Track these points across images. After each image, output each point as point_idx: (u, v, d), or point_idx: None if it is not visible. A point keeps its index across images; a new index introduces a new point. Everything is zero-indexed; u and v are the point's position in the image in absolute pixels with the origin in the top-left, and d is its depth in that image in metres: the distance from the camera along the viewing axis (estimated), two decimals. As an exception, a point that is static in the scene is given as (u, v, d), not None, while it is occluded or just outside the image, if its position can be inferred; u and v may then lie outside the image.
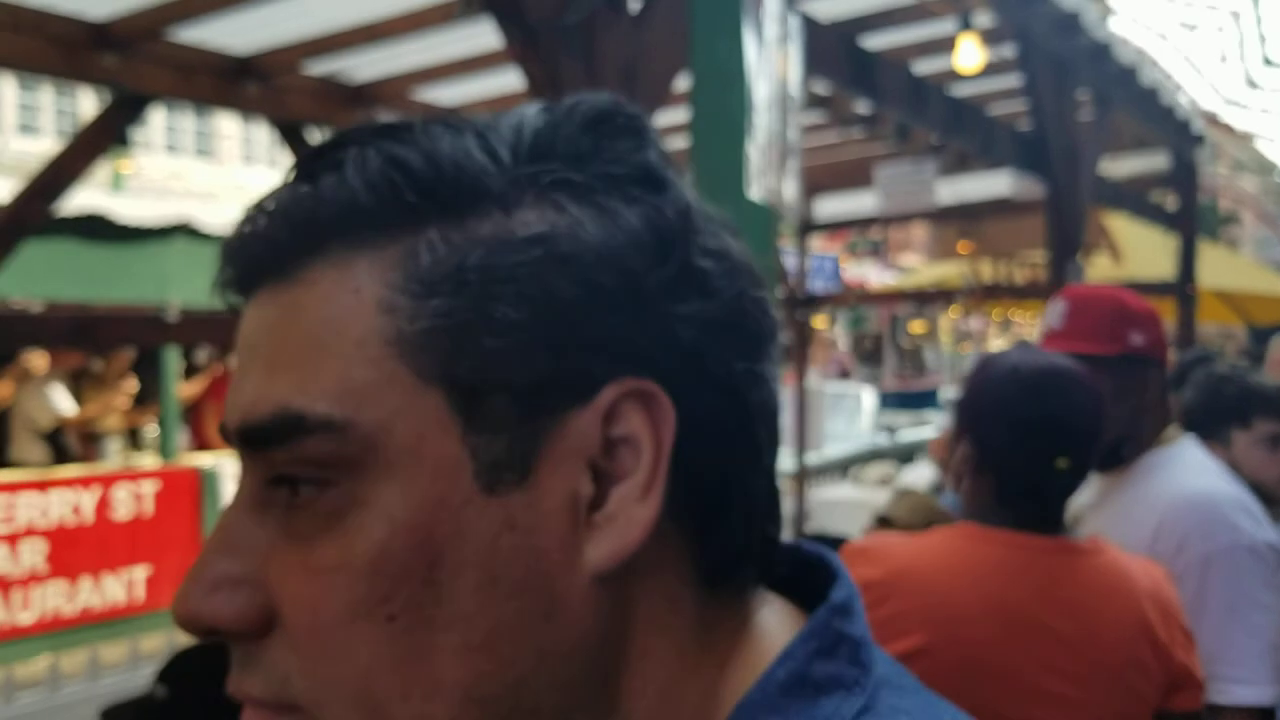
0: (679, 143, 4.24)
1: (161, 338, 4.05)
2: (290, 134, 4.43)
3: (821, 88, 5.08)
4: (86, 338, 3.61)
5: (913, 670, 1.46)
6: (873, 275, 20.18)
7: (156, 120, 13.33)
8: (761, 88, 1.93)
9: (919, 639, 1.43)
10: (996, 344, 18.80)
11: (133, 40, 3.67)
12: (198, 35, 3.90)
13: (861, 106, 5.35)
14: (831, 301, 7.96)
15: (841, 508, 7.21)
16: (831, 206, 7.82)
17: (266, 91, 4.20)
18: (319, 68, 4.33)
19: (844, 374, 12.21)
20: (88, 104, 12.71)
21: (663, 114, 2.56)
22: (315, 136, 4.46)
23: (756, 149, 1.93)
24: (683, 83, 2.14)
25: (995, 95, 5.31)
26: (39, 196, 3.57)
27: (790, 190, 2.03)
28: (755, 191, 1.89)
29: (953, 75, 4.53)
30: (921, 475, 6.95)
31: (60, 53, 3.53)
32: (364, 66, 4.44)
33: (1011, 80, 4.93)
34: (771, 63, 2.02)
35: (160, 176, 12.94)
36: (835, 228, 8.81)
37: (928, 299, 7.29)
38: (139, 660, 4.98)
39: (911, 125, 3.82)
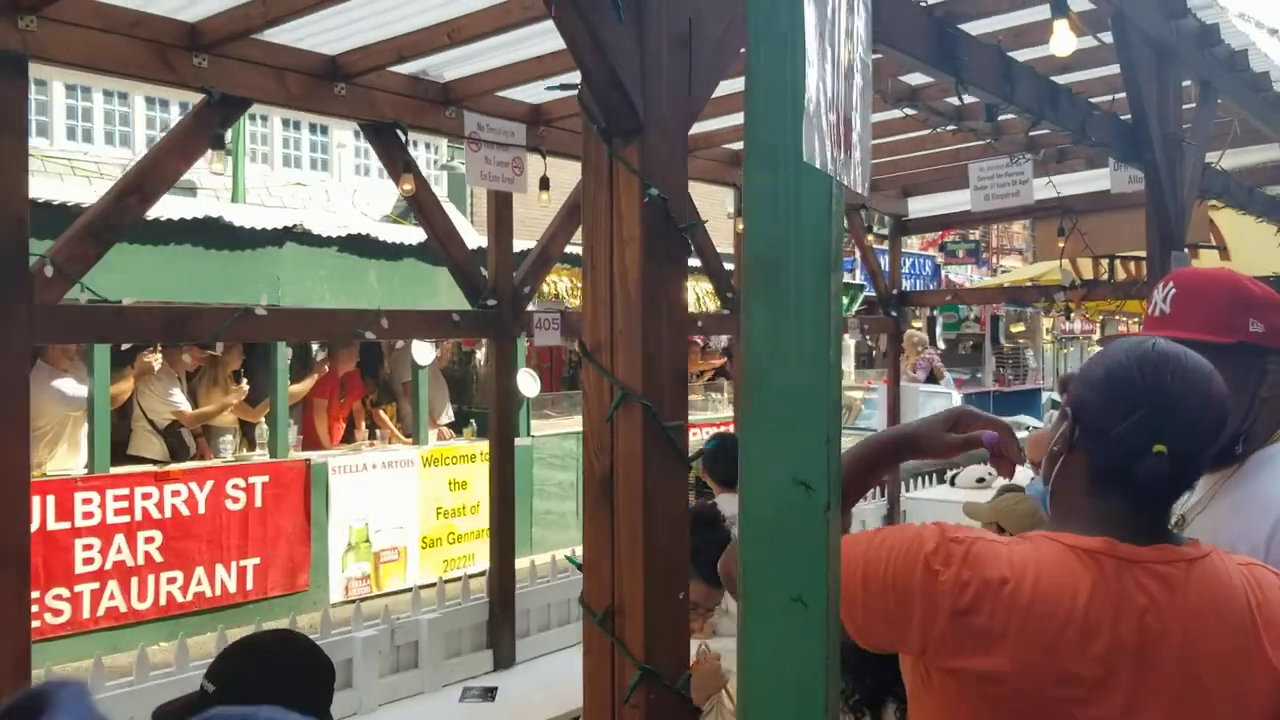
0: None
1: (249, 332, 4.03)
2: (379, 134, 4.39)
3: (912, 78, 4.86)
4: (174, 331, 3.60)
5: (994, 690, 1.28)
6: (973, 278, 19.62)
7: (275, 133, 13.62)
8: (819, 51, 1.72)
9: (1005, 661, 1.29)
10: (1098, 347, 18.12)
11: (223, 41, 3.65)
12: (287, 36, 3.88)
13: (952, 97, 5.09)
14: (925, 299, 7.67)
15: (938, 508, 6.94)
16: (927, 205, 7.55)
17: (355, 92, 4.16)
18: (407, 68, 4.28)
19: (932, 376, 11.82)
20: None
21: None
22: (403, 136, 4.40)
23: (820, 119, 1.74)
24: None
25: (1094, 85, 5.00)
26: (130, 197, 3.56)
27: (858, 167, 1.83)
28: (817, 163, 1.69)
29: (1048, 63, 4.27)
30: (1019, 477, 6.64)
31: (152, 54, 3.52)
32: (451, 66, 4.38)
33: (1112, 69, 4.64)
34: (837, 27, 1.82)
35: (279, 187, 13.21)
36: (930, 227, 8.51)
37: (1024, 296, 6.96)
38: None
39: (1001, 106, 3.58)
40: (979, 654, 1.29)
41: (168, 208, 8.30)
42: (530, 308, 5.18)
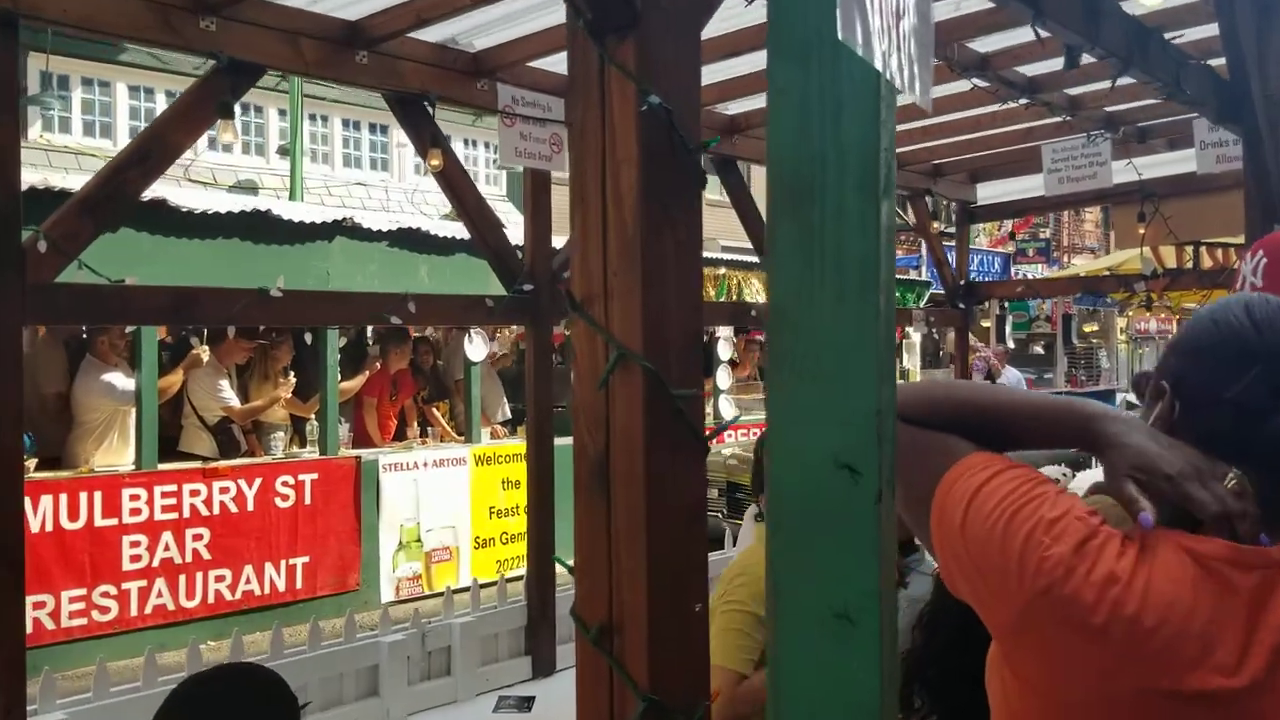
0: None
1: (266, 316, 3.74)
2: (406, 107, 4.07)
3: (981, 44, 4.43)
4: (181, 314, 3.31)
5: (1082, 693, 1.09)
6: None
7: (335, 132, 13.49)
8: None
9: (1095, 665, 1.08)
10: (1176, 346, 17.30)
11: (232, 2, 3.35)
12: (302, -1, 3.58)
13: (1025, 65, 4.65)
14: (994, 290, 7.19)
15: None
16: (996, 191, 7.06)
17: (378, 60, 3.85)
18: (432, 34, 3.96)
19: (989, 376, 11.15)
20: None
21: None
22: (431, 109, 4.08)
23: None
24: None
25: (1187, 50, 4.52)
26: (131, 170, 3.28)
27: (911, 65, 1.41)
28: (860, 49, 1.27)
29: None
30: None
31: (154, 15, 3.23)
32: (481, 33, 4.06)
33: (1208, 30, 4.16)
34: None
35: (338, 186, 13.07)
36: (1000, 214, 8.00)
37: (1100, 286, 6.44)
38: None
39: (1084, 49, 3.13)
40: (1068, 644, 1.09)
41: (218, 201, 8.13)
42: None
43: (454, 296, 4.62)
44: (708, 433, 1.45)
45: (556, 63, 4.33)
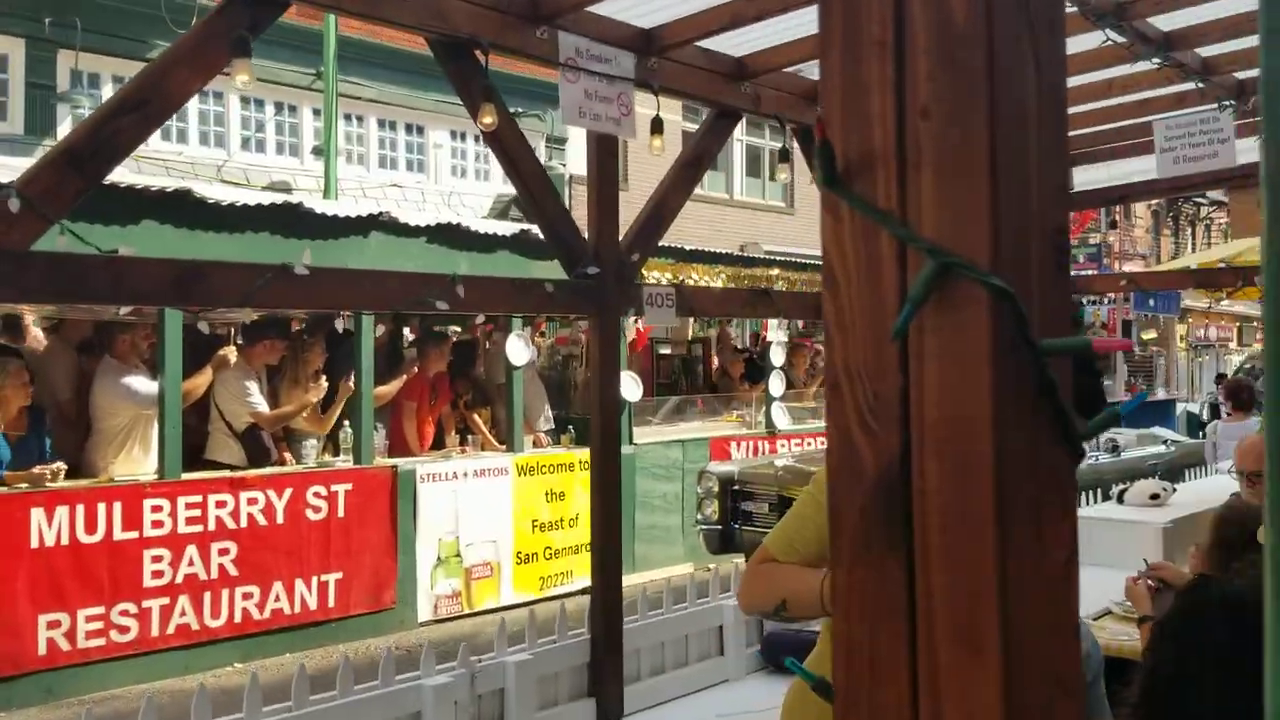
0: None
1: (289, 298, 3.07)
2: (452, 54, 3.40)
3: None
4: (185, 291, 2.65)
5: None
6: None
7: (371, 133, 12.91)
8: None
9: None
10: (1235, 356, 16.44)
11: (248, -85, 2.70)
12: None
13: (1160, 15, 3.93)
14: (1093, 285, 6.43)
15: (1101, 528, 5.63)
16: (1090, 178, 6.30)
17: (423, -2, 3.19)
18: (487, -31, 3.30)
19: None
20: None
21: None
22: (482, 59, 3.41)
23: None
24: None
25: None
26: (127, 116, 2.63)
27: None
28: None
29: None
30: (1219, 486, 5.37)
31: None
32: (543, -30, 3.39)
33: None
34: None
35: (374, 188, 12.49)
36: (1094, 202, 7.26)
37: (1216, 280, 5.69)
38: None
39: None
40: None
41: (248, 194, 7.53)
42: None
43: (508, 280, 3.93)
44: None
45: (627, 10, 3.66)
